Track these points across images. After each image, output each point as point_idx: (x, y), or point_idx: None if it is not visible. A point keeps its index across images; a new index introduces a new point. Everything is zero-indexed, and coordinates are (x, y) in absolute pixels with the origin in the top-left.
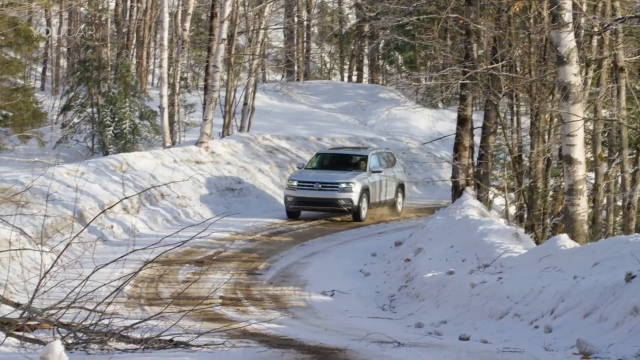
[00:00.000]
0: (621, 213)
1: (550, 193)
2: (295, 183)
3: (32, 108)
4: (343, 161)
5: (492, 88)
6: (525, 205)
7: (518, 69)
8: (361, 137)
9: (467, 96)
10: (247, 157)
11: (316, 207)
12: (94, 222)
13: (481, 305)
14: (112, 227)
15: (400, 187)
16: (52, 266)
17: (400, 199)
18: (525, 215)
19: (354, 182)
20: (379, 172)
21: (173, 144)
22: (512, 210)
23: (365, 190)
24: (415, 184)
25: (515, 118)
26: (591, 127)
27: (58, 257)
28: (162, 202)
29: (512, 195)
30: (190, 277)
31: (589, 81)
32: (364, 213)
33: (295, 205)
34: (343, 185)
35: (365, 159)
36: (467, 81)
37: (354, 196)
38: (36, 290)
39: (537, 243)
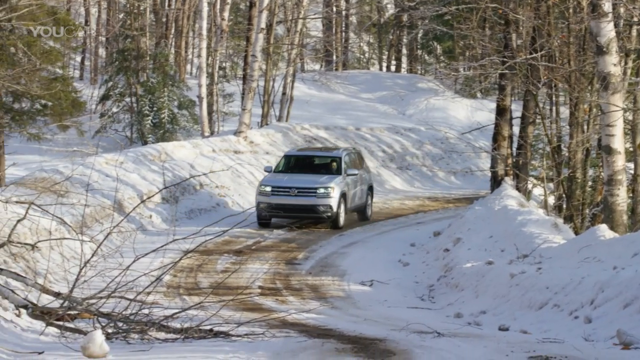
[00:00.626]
0: None
1: (589, 183)
2: (268, 189)
3: (71, 97)
4: (315, 163)
5: (531, 78)
6: (564, 195)
7: (557, 59)
8: (400, 127)
9: (506, 86)
10: (285, 147)
11: (292, 214)
12: (133, 211)
13: (520, 295)
14: (150, 216)
15: (370, 189)
16: (93, 256)
17: (370, 202)
18: (564, 206)
19: (332, 187)
20: (355, 174)
21: (212, 133)
22: (551, 200)
23: (343, 196)
24: (454, 174)
25: (554, 108)
26: (630, 117)
27: (98, 246)
28: (200, 191)
29: (551, 185)
30: (229, 267)
31: (629, 71)
32: (342, 220)
33: (270, 212)
34: (322, 191)
35: (337, 160)
36: (506, 71)
37: (333, 202)
38: (76, 279)
39: (576, 233)
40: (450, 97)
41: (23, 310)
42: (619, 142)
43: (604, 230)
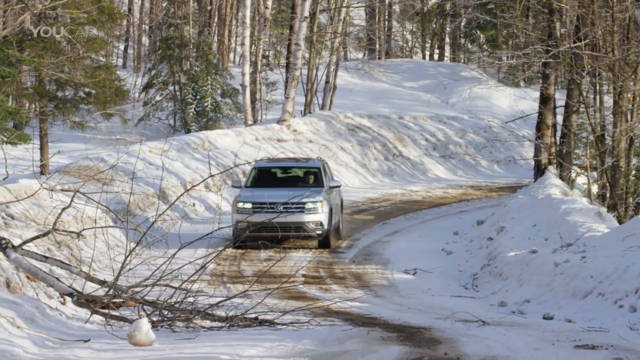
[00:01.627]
0: None
1: (633, 172)
2: (248, 205)
3: (114, 86)
4: (291, 176)
5: (575, 67)
6: (607, 184)
7: (601, 47)
8: (442, 116)
9: (550, 75)
10: (328, 136)
11: (277, 234)
12: (177, 200)
13: (564, 284)
14: (194, 205)
15: (341, 203)
16: (138, 244)
17: (341, 218)
18: (608, 195)
19: (321, 201)
20: (337, 186)
21: (255, 122)
22: (595, 189)
23: (330, 211)
24: (497, 163)
25: (597, 97)
26: None
27: (143, 235)
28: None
29: (595, 174)
30: (273, 256)
31: None
32: (331, 237)
33: (252, 232)
34: (310, 206)
35: (317, 171)
36: (550, 60)
37: (324, 218)
38: (121, 267)
39: (620, 222)
40: (493, 86)
41: (68, 298)
42: None
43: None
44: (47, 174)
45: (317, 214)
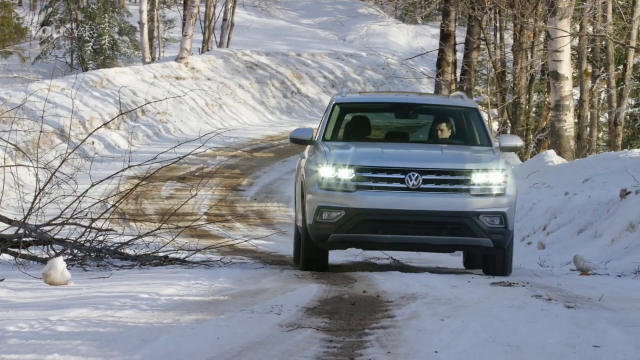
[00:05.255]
0: (605, 129)
1: (534, 109)
2: (350, 174)
3: (13, 24)
4: (413, 126)
5: (476, 3)
6: (509, 121)
7: None
8: (341, 53)
9: (451, 12)
10: (227, 74)
11: (410, 239)
12: (74, 138)
13: None
14: (93, 143)
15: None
16: (48, 182)
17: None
18: (509, 132)
19: (503, 171)
20: (517, 146)
21: (153, 60)
22: (496, 126)
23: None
24: None
25: (498, 34)
26: (576, 43)
27: (53, 174)
28: (142, 118)
29: (496, 111)
30: (174, 194)
31: None
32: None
33: (358, 230)
34: (480, 179)
35: (471, 118)
36: None
37: (508, 208)
38: (31, 207)
39: (522, 160)
40: (392, 23)
41: None
42: (566, 68)
43: (552, 156)
44: None
45: (496, 196)
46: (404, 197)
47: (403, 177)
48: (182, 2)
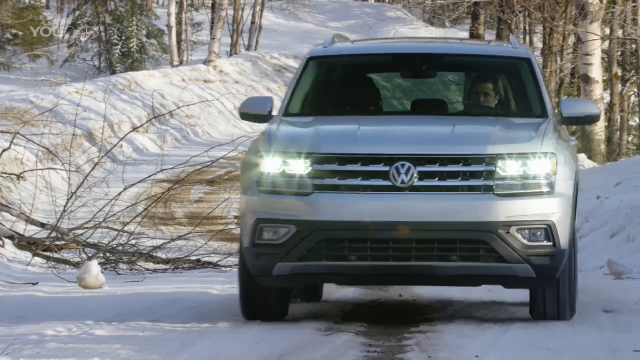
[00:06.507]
0: (635, 133)
1: None
2: (306, 167)
3: (41, 27)
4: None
5: (505, 6)
6: None
7: None
8: None
9: (480, 15)
10: (255, 77)
11: (401, 267)
12: (104, 141)
13: None
14: (121, 146)
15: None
16: (80, 186)
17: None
18: None
19: (549, 155)
20: (589, 117)
21: (181, 63)
22: None
23: (575, 196)
24: None
25: (528, 37)
26: (605, 47)
27: (86, 177)
28: (171, 121)
29: None
30: (203, 197)
31: (605, 0)
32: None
33: (315, 262)
34: (513, 168)
35: (521, 76)
36: (480, 0)
37: (559, 214)
38: (64, 210)
39: None
40: (419, 27)
41: (7, 241)
42: (597, 71)
43: (582, 159)
44: None
45: (537, 196)
46: (390, 202)
47: (387, 169)
48: (210, 5)
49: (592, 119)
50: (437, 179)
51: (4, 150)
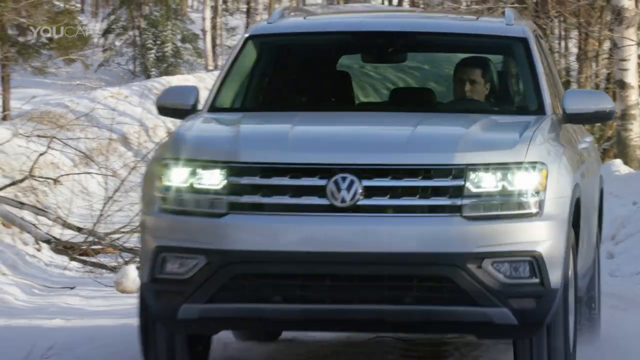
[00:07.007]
0: None
1: None
2: (220, 179)
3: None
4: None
5: (540, 12)
6: None
7: None
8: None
9: None
10: None
11: (342, 310)
12: (139, 145)
13: None
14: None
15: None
16: (116, 190)
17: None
18: None
19: (535, 165)
20: (599, 114)
21: (215, 67)
22: None
23: (576, 205)
24: None
25: (563, 42)
26: None
27: (122, 181)
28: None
29: None
30: None
31: None
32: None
33: (229, 304)
34: (487, 183)
35: (517, 59)
36: (516, 4)
37: (548, 242)
38: (100, 214)
39: None
40: None
41: (44, 245)
42: (632, 77)
43: (618, 165)
44: (8, 119)
45: (519, 218)
46: (326, 226)
47: (324, 183)
48: (245, 9)
49: (604, 116)
50: (388, 196)
51: (41, 155)
